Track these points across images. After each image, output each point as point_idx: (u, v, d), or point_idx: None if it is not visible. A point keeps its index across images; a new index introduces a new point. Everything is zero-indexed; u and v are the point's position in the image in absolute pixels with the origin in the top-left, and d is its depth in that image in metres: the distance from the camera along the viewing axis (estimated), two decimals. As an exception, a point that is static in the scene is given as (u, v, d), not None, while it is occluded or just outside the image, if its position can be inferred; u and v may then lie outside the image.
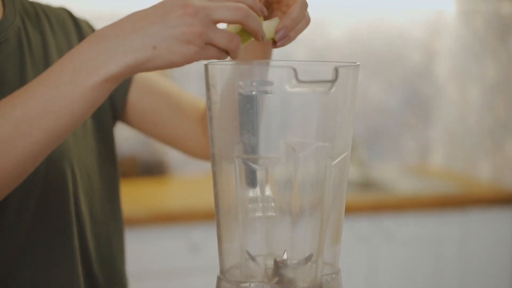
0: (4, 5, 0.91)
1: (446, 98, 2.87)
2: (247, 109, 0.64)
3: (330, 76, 0.62)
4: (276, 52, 2.78)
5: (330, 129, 0.66)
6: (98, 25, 0.99)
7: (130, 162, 2.47)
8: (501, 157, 2.57)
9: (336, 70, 0.61)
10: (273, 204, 0.69)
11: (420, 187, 2.54)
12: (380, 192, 2.51)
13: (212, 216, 0.70)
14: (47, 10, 0.96)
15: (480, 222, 2.44)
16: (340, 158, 0.67)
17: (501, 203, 2.44)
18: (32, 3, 0.96)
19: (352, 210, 2.33)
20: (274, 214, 0.69)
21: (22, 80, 0.87)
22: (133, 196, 2.29)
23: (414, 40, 2.86)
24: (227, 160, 0.66)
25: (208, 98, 0.66)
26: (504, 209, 2.45)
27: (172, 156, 2.61)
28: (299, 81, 0.60)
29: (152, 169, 2.53)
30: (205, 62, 0.66)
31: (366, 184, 2.64)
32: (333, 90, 0.62)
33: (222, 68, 0.66)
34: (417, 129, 2.92)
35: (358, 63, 0.66)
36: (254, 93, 0.65)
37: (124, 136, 2.42)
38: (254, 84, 0.65)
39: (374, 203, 2.37)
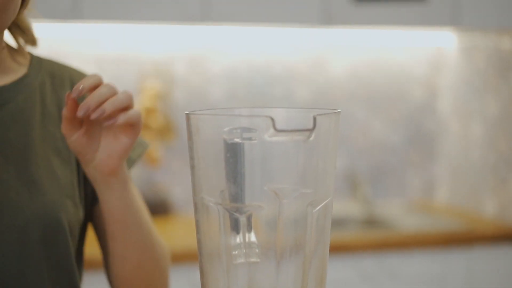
0: (31, 64, 0.95)
1: (449, 134, 2.87)
2: (228, 157, 0.65)
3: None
4: (279, 90, 2.79)
5: (312, 176, 0.66)
6: (103, 67, 1.00)
7: (133, 202, 2.48)
8: (505, 193, 2.56)
9: (314, 119, 0.62)
10: (257, 250, 0.69)
11: (425, 224, 2.53)
12: (384, 230, 2.50)
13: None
14: (75, 76, 0.99)
15: (485, 259, 2.42)
16: (322, 204, 0.67)
17: (506, 239, 2.43)
18: (64, 67, 0.99)
19: (355, 248, 2.32)
20: (258, 260, 0.69)
21: (26, 141, 0.90)
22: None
23: (416, 77, 2.87)
24: (210, 208, 0.67)
25: (190, 147, 0.67)
26: (510, 245, 2.43)
27: (175, 196, 2.62)
28: (277, 130, 0.61)
29: (156, 209, 2.53)
30: (186, 111, 0.67)
31: (370, 222, 2.63)
32: (312, 138, 0.62)
33: (204, 118, 0.67)
34: (421, 166, 2.92)
35: (338, 110, 0.67)
36: (238, 140, 0.66)
37: (127, 177, 2.43)
38: (238, 131, 0.66)
39: (378, 241, 2.36)
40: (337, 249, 2.29)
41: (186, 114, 0.67)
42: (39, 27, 1.01)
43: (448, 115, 2.88)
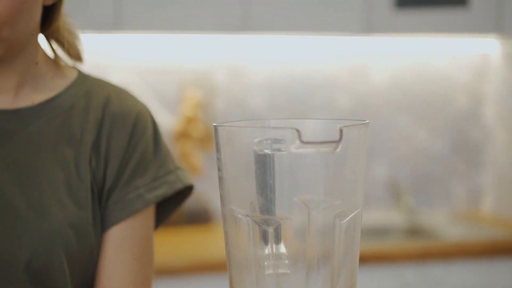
0: (73, 82, 0.92)
1: (495, 142, 2.82)
2: (257, 168, 0.65)
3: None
4: (319, 98, 2.78)
5: (340, 187, 0.66)
6: (144, 77, 0.98)
7: (175, 211, 2.50)
8: (553, 203, 2.50)
9: (341, 130, 0.61)
10: (286, 261, 0.69)
11: (470, 234, 2.49)
12: (427, 240, 2.46)
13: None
14: (113, 94, 0.94)
15: (532, 270, 2.37)
16: (350, 216, 0.66)
17: (554, 250, 2.37)
18: (105, 85, 0.95)
19: (398, 258, 2.29)
20: (288, 271, 0.69)
21: (37, 165, 0.88)
22: (177, 245, 2.30)
23: (460, 84, 2.83)
24: (239, 219, 0.67)
25: (218, 158, 0.67)
26: (557, 256, 2.37)
27: (216, 204, 2.63)
28: (303, 142, 0.61)
29: (197, 218, 2.55)
30: (214, 123, 0.67)
31: (413, 231, 2.60)
32: (338, 150, 0.62)
33: (231, 129, 0.67)
34: (466, 174, 2.87)
35: (367, 121, 0.66)
36: (268, 151, 0.66)
37: (169, 185, 2.44)
38: (269, 142, 0.66)
39: (421, 250, 2.33)
40: (380, 259, 2.27)
41: (214, 126, 0.67)
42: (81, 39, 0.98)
43: (494, 123, 2.83)
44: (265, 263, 0.68)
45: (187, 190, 0.98)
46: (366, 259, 2.24)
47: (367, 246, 2.31)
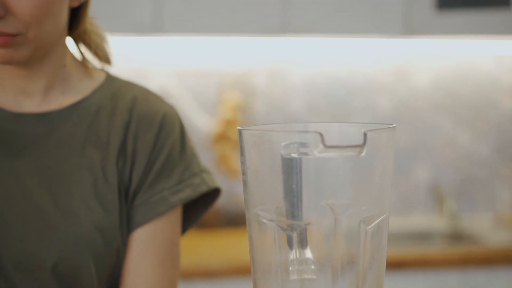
0: (101, 84, 0.93)
1: (541, 146, 2.75)
2: (283, 172, 0.65)
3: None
4: (360, 101, 2.76)
5: (365, 192, 0.65)
6: (184, 80, 0.97)
7: (213, 213, 2.51)
8: None
9: (365, 135, 0.60)
10: (312, 267, 0.68)
11: (514, 240, 2.44)
12: (470, 245, 2.42)
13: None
14: (139, 95, 0.94)
15: None
16: (377, 221, 0.65)
17: None
18: (131, 87, 0.95)
19: (440, 263, 2.25)
20: (315, 276, 0.68)
21: (65, 169, 0.89)
22: (216, 247, 2.31)
23: (504, 86, 2.77)
24: (264, 224, 0.67)
25: (242, 162, 0.67)
26: None
27: (256, 207, 2.63)
28: (326, 147, 0.60)
29: (235, 220, 2.55)
30: (239, 127, 0.67)
31: (456, 236, 2.55)
32: (363, 154, 0.61)
33: (256, 133, 0.67)
34: (511, 179, 2.81)
35: (394, 125, 0.65)
36: (294, 155, 0.65)
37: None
38: (296, 146, 0.65)
39: (464, 256, 2.29)
40: (421, 264, 2.24)
41: (238, 129, 0.67)
42: (120, 42, 0.97)
43: (539, 126, 2.76)
44: (290, 268, 0.68)
45: (216, 193, 0.98)
46: (407, 264, 2.21)
47: (409, 251, 2.28)
